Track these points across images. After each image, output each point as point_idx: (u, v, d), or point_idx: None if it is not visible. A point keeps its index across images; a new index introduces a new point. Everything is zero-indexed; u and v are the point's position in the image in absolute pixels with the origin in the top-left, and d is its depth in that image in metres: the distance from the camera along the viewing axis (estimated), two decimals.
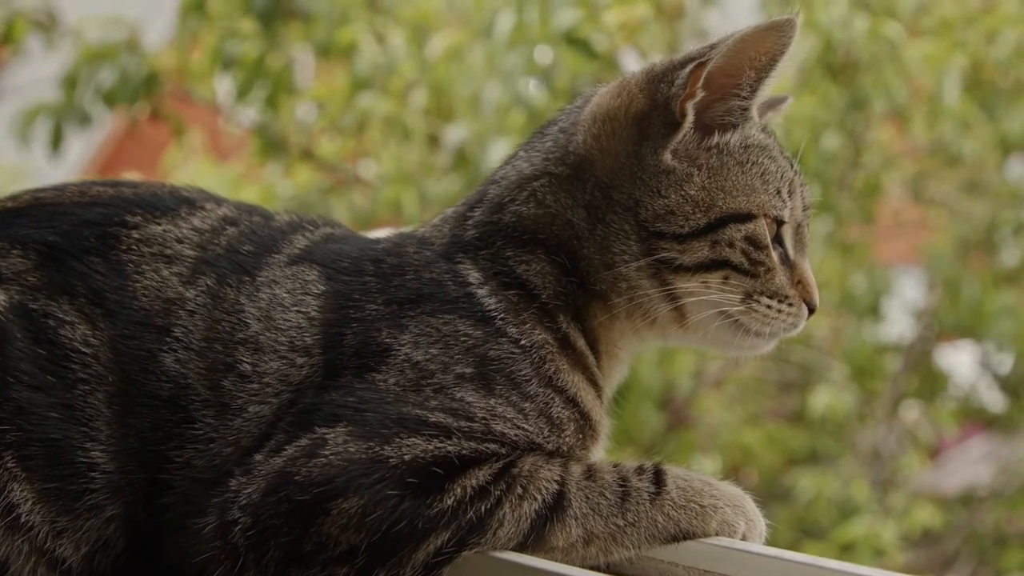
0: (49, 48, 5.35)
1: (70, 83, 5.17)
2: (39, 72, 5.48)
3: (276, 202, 5.40)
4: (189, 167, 5.91)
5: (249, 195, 5.45)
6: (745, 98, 1.88)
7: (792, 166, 1.93)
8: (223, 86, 6.02)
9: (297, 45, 5.43)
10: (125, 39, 5.26)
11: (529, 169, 1.91)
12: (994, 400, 8.26)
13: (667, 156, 1.84)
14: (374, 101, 5.37)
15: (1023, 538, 7.20)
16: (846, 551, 5.49)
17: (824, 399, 6.12)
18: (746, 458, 6.91)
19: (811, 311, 1.91)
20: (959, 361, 8.34)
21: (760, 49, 1.84)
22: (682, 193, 1.83)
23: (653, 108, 1.86)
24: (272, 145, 5.70)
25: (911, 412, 7.89)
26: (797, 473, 6.83)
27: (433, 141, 5.75)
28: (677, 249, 1.83)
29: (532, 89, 4.99)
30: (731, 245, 1.83)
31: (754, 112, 1.92)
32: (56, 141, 5.19)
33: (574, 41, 4.75)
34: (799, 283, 1.90)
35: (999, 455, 8.49)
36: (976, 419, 8.48)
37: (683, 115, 1.84)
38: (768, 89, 1.90)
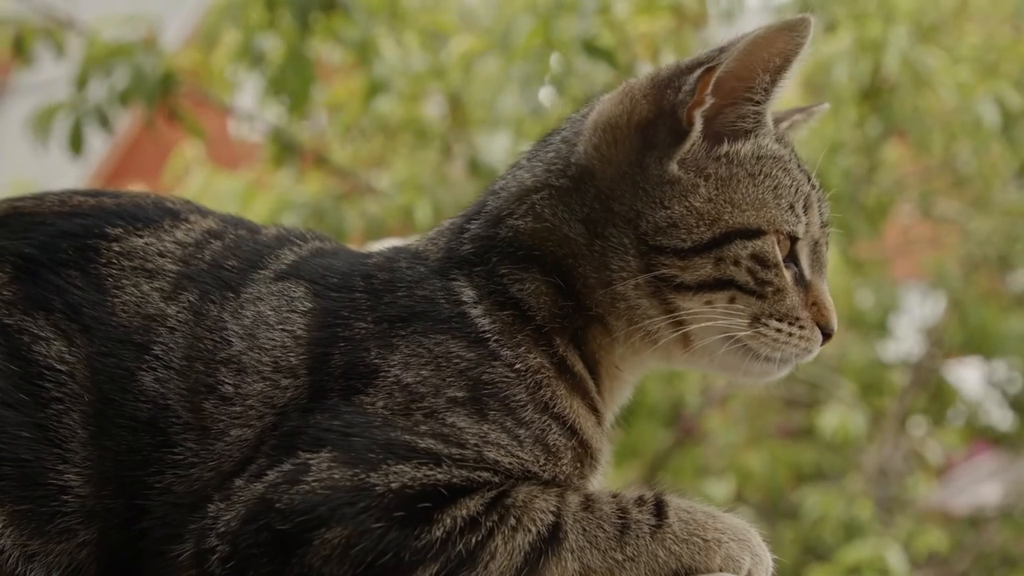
0: (60, 56, 5.22)
1: (81, 81, 5.04)
2: (55, 71, 5.32)
3: (289, 209, 5.31)
4: (198, 176, 5.81)
5: (262, 202, 5.37)
6: (758, 103, 1.78)
7: (809, 180, 1.83)
8: (244, 88, 5.89)
9: (327, 44, 5.29)
10: (142, 38, 5.13)
11: (530, 180, 1.82)
12: (1002, 418, 8.20)
13: (673, 166, 1.75)
14: (391, 105, 5.27)
15: None
16: (851, 574, 5.41)
17: (834, 419, 5.99)
18: (751, 479, 6.83)
19: (826, 336, 1.79)
20: (967, 378, 8.27)
21: (773, 51, 1.74)
22: (686, 204, 1.73)
23: (659, 116, 1.77)
24: (287, 150, 5.58)
25: (919, 429, 7.82)
26: (804, 491, 6.74)
27: (447, 150, 5.68)
28: (678, 266, 1.73)
29: (544, 98, 4.91)
30: (736, 263, 1.73)
31: (768, 119, 1.82)
32: (76, 142, 4.95)
33: (593, 49, 4.66)
34: (813, 305, 1.79)
35: (1007, 473, 8.43)
36: (984, 437, 8.42)
37: (691, 123, 1.75)
38: (783, 92, 1.80)
